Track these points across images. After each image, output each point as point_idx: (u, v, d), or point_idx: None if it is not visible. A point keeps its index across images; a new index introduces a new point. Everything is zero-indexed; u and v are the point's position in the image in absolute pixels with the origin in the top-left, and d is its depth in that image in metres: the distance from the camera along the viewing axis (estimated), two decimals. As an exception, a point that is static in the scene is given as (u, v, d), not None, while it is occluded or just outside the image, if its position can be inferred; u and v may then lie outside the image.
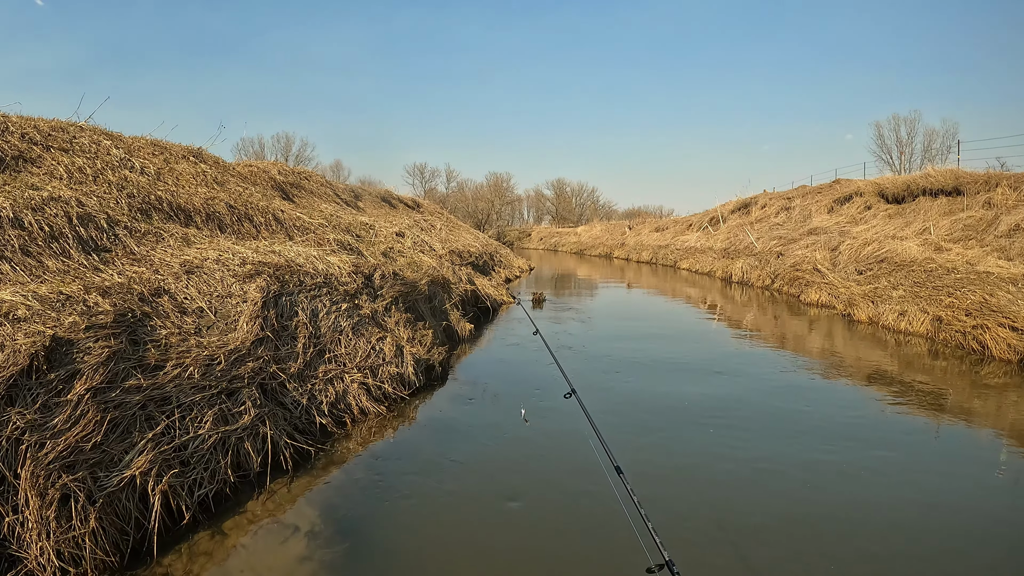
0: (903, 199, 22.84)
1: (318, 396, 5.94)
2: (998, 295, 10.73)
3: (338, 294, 7.68)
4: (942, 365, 9.34)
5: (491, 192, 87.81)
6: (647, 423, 6.25)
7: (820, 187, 31.52)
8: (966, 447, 5.87)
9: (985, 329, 10.12)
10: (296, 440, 5.23)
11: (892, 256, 16.23)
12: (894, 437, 5.90)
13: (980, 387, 8.17)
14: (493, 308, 14.40)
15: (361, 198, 20.63)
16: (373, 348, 7.04)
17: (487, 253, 24.24)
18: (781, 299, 17.94)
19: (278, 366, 5.80)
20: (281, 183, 13.99)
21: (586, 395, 4.97)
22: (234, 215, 9.72)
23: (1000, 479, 4.98)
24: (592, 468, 4.63)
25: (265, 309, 6.30)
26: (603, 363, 8.90)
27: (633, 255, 42.63)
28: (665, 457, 5.38)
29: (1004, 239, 14.84)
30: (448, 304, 10.92)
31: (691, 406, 6.79)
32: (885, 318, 12.68)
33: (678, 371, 8.47)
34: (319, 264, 8.39)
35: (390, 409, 6.50)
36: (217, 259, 7.27)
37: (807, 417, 6.43)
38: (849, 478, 4.95)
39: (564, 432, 5.92)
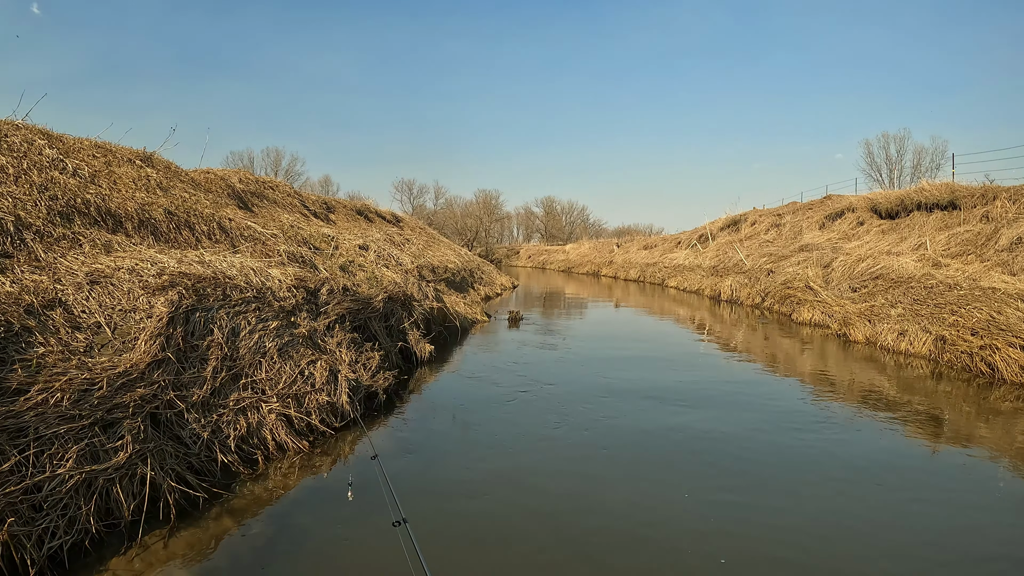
0: (897, 214, 22.48)
1: (225, 429, 5.23)
2: (1006, 312, 10.16)
3: (270, 310, 6.98)
4: (947, 389, 8.79)
5: (480, 209, 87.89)
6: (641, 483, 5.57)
7: (811, 203, 31.25)
8: (976, 480, 5.25)
9: (994, 350, 9.55)
10: (187, 482, 4.52)
11: (888, 272, 15.73)
12: (914, 475, 5.22)
13: (989, 412, 7.65)
14: (463, 328, 13.72)
15: (334, 210, 19.97)
16: (301, 373, 6.33)
17: (467, 269, 23.60)
18: (772, 317, 17.39)
19: (177, 393, 5.09)
20: (240, 191, 13.31)
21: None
22: (172, 222, 9.03)
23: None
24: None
25: (171, 326, 5.60)
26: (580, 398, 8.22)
27: (621, 273, 42.46)
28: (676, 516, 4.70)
29: (1006, 253, 14.36)
30: (407, 323, 10.22)
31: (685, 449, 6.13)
32: (883, 338, 12.15)
33: (662, 403, 7.77)
34: (255, 277, 7.69)
35: (314, 445, 5.77)
36: (132, 268, 6.57)
37: (829, 470, 5.75)
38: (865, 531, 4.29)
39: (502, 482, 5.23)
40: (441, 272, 17.92)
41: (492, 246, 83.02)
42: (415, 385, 8.65)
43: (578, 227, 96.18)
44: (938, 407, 7.82)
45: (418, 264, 16.02)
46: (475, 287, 22.48)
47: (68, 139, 10.37)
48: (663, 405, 7.44)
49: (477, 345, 12.29)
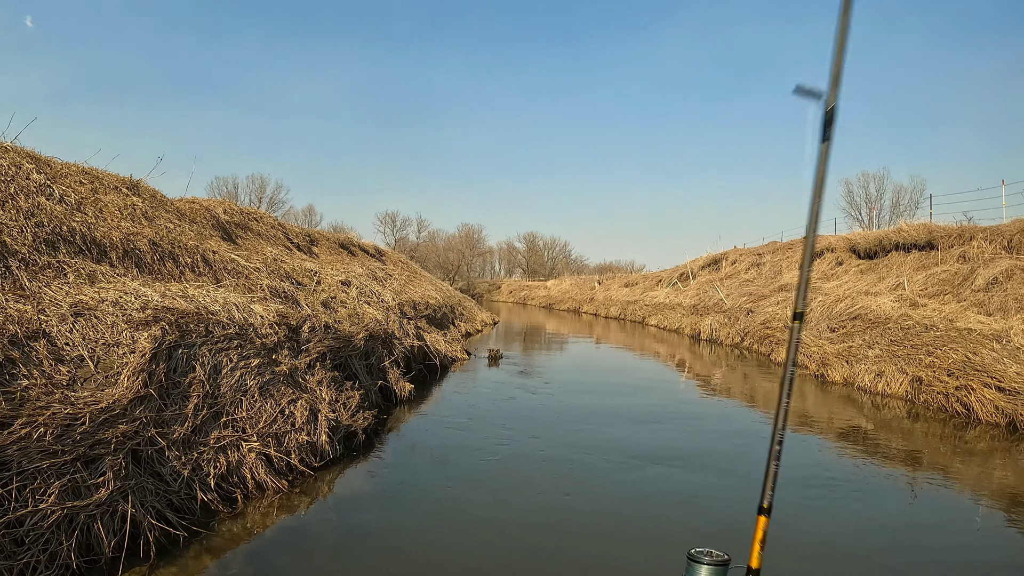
0: (875, 254, 23.00)
1: (205, 467, 5.32)
2: (982, 353, 10.46)
3: (252, 348, 7.09)
4: (923, 428, 9.08)
5: (462, 243, 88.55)
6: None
7: (791, 243, 31.80)
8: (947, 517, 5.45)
9: (970, 390, 9.86)
10: (167, 520, 4.60)
11: (866, 313, 16.08)
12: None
13: (963, 453, 7.95)
14: (443, 366, 13.84)
15: (317, 243, 20.10)
16: (282, 412, 6.44)
17: (448, 305, 23.73)
18: (751, 357, 17.66)
19: (159, 430, 5.18)
20: (225, 222, 13.43)
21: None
22: (156, 253, 9.13)
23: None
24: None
25: (154, 362, 5.70)
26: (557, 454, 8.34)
27: (602, 310, 42.87)
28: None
29: (982, 293, 14.76)
30: (388, 361, 10.34)
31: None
32: (861, 379, 12.45)
33: (647, 462, 7.91)
34: (237, 313, 7.81)
35: (293, 485, 5.86)
36: (115, 301, 6.68)
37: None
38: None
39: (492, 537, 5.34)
40: (422, 308, 18.05)
41: (473, 280, 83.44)
42: (394, 424, 8.75)
43: (560, 263, 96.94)
44: (915, 447, 8.12)
45: (399, 300, 16.16)
46: (456, 323, 22.60)
47: (56, 164, 10.48)
48: (646, 464, 7.56)
49: (457, 385, 12.40)
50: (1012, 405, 9.17)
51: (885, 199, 60.42)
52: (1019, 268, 15.03)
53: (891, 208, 59.55)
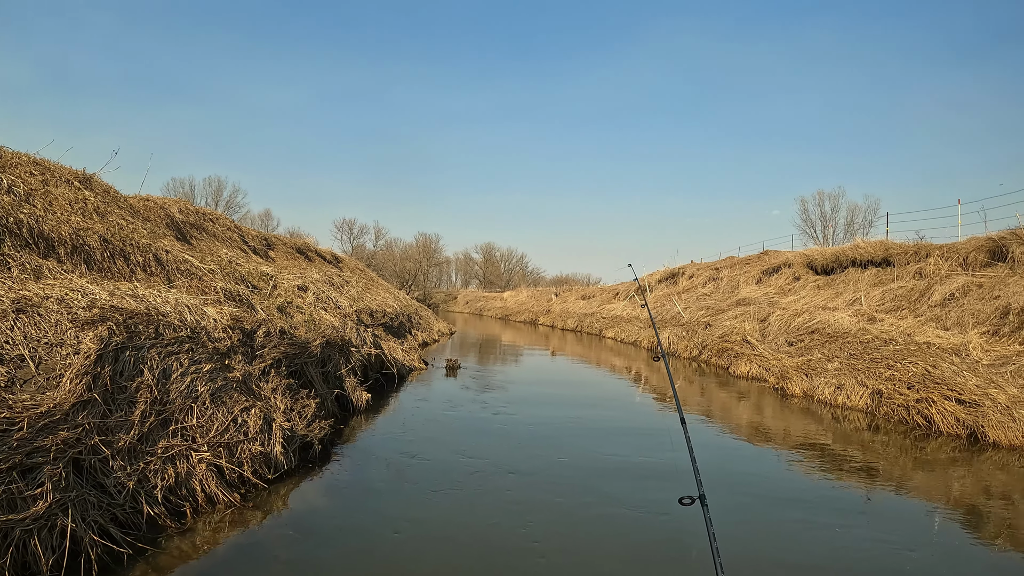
0: (832, 270, 23.44)
1: (152, 478, 5.03)
2: (941, 366, 10.66)
3: (204, 352, 6.80)
4: (883, 440, 9.23)
5: (419, 253, 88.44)
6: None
7: (748, 258, 32.22)
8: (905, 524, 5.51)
9: (930, 403, 10.02)
10: (111, 536, 4.32)
11: (824, 327, 16.31)
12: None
13: (924, 463, 8.06)
14: (401, 375, 13.60)
15: (274, 247, 19.69)
16: (235, 420, 6.16)
17: (405, 314, 23.45)
18: (709, 370, 17.77)
19: (103, 438, 4.89)
20: (180, 222, 13.03)
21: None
22: (107, 250, 8.77)
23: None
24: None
25: (99, 365, 5.40)
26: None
27: (558, 322, 42.94)
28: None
29: (939, 308, 15.08)
30: (345, 369, 10.08)
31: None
32: (821, 392, 12.56)
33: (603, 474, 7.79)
34: (189, 315, 7.51)
35: (246, 498, 5.59)
36: (61, 298, 6.35)
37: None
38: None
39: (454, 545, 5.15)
40: (380, 316, 17.77)
41: (430, 290, 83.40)
42: (351, 434, 8.51)
43: (516, 274, 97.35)
44: (877, 458, 8.23)
45: (357, 308, 15.87)
46: (413, 332, 22.31)
47: (6, 153, 10.05)
48: (599, 477, 7.45)
49: (415, 394, 12.19)
50: (972, 417, 9.36)
51: (840, 217, 62.02)
52: (975, 284, 15.37)
53: (846, 226, 61.19)
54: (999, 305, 13.55)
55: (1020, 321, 12.59)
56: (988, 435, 9.00)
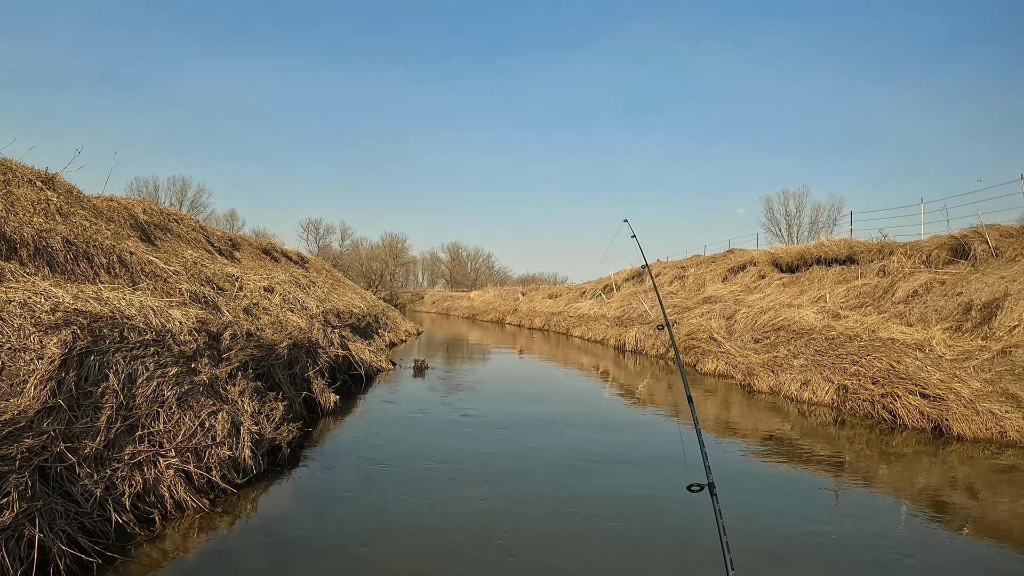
0: (797, 268, 23.85)
1: (120, 485, 4.98)
2: (906, 361, 10.92)
3: (170, 355, 6.73)
4: (849, 434, 9.45)
5: (386, 253, 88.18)
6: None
7: (714, 256, 32.61)
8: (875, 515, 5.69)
9: (895, 397, 10.28)
10: (79, 545, 4.27)
11: (789, 324, 16.60)
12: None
13: (890, 456, 8.27)
14: (368, 376, 13.55)
15: (239, 248, 19.48)
16: (202, 424, 6.11)
17: (372, 315, 23.36)
18: (677, 368, 17.92)
19: (68, 445, 4.83)
20: (144, 223, 12.84)
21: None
22: (70, 252, 8.63)
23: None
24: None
25: (64, 370, 5.33)
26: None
27: (525, 321, 43.04)
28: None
29: (903, 305, 15.46)
30: (312, 371, 10.03)
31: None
32: (787, 388, 12.80)
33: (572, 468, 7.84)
34: (154, 318, 7.42)
35: (215, 503, 5.55)
36: (24, 302, 6.25)
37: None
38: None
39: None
40: (347, 317, 17.68)
41: (397, 290, 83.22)
42: (320, 437, 8.47)
43: (483, 274, 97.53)
44: (843, 452, 8.49)
45: (324, 308, 15.78)
46: (380, 333, 22.24)
47: (-30, 154, 9.87)
48: (573, 470, 7.50)
49: (383, 395, 12.16)
50: (936, 410, 9.63)
51: (804, 216, 63.19)
52: (938, 281, 15.77)
53: (810, 225, 62.39)
54: (961, 301, 13.92)
55: (982, 317, 12.94)
56: (952, 428, 9.27)
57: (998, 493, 6.80)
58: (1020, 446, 8.68)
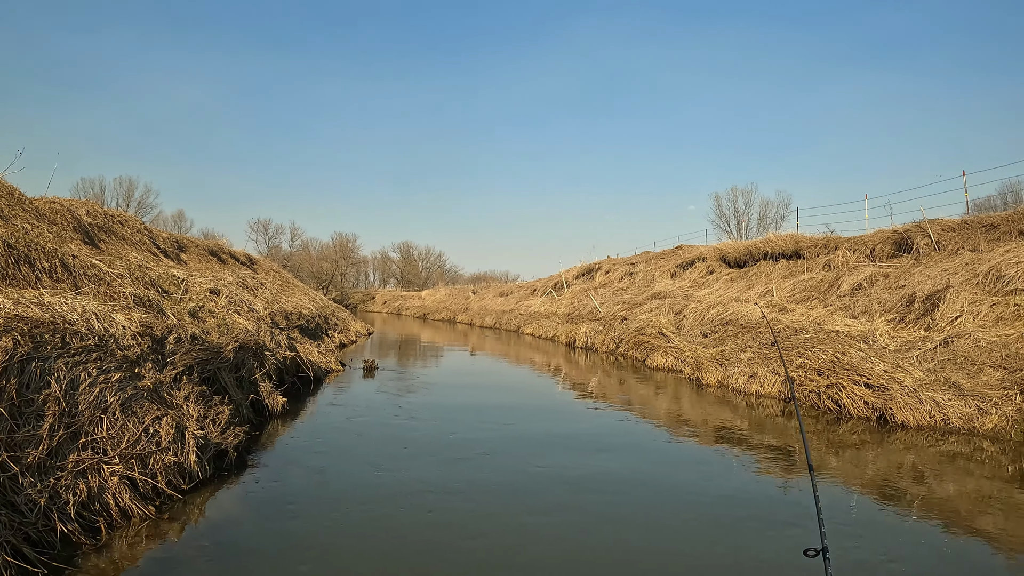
0: (745, 263, 24.40)
1: (64, 494, 4.96)
2: (850, 353, 11.30)
3: (113, 360, 6.69)
4: (796, 425, 9.71)
5: (336, 253, 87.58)
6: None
7: (663, 252, 33.13)
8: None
9: (840, 388, 10.65)
10: (24, 556, 4.26)
11: (737, 318, 17.04)
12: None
13: (836, 445, 8.60)
14: (317, 378, 13.52)
15: (186, 250, 19.19)
16: (146, 430, 6.10)
17: (321, 316, 23.23)
18: (627, 363, 18.29)
19: (11, 454, 4.80)
20: (88, 225, 12.60)
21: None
22: (11, 256, 8.45)
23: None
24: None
25: (4, 377, 5.28)
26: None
27: (477, 320, 43.19)
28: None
29: (847, 298, 16.00)
30: (259, 374, 10.00)
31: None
32: (735, 381, 13.16)
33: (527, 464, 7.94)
34: (97, 323, 7.35)
35: (161, 510, 5.55)
36: (-42, 310, 6.15)
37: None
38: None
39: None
40: (295, 319, 17.58)
41: (348, 291, 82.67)
42: (268, 440, 8.48)
43: (435, 273, 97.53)
44: (792, 442, 8.80)
45: (271, 310, 15.67)
46: (330, 334, 22.12)
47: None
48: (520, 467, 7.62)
49: (332, 397, 12.18)
50: (881, 400, 10.04)
51: (753, 212, 64.58)
52: (881, 275, 16.34)
53: (759, 221, 63.83)
54: (904, 294, 14.45)
55: (924, 308, 13.46)
56: (896, 417, 9.69)
57: (944, 478, 7.19)
58: (962, 433, 9.12)
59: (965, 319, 12.58)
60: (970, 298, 12.99)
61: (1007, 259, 13.60)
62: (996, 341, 11.25)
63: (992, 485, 6.91)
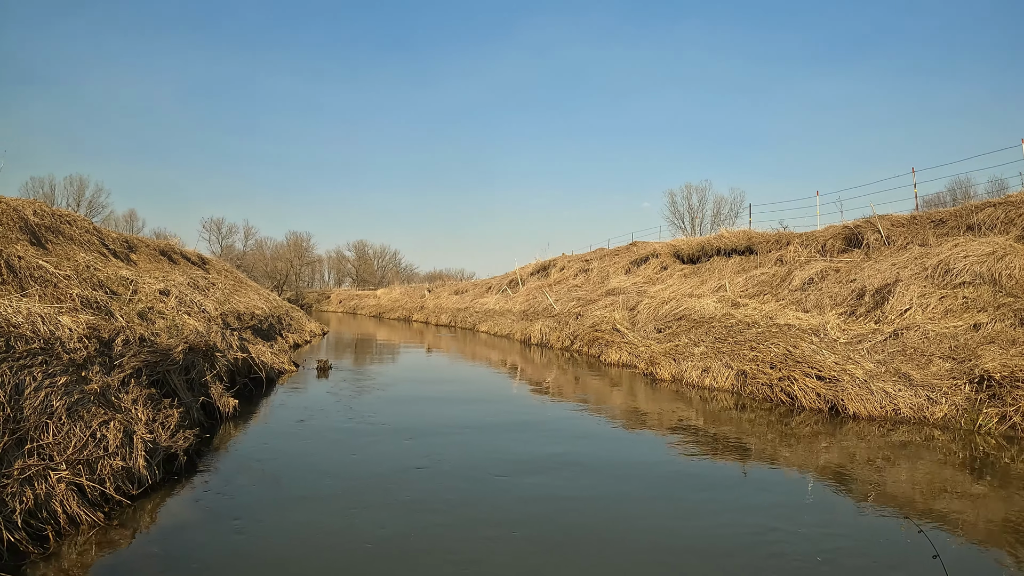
0: (698, 259, 24.78)
1: (10, 502, 4.87)
2: (801, 346, 11.57)
3: (59, 364, 6.58)
4: (749, 417, 9.96)
5: (290, 252, 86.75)
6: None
7: (617, 249, 33.43)
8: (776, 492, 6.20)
9: (792, 380, 10.88)
10: (-36, 563, 4.19)
11: (690, 313, 17.29)
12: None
13: (789, 437, 8.80)
14: (270, 379, 13.41)
15: (136, 250, 18.79)
16: (93, 435, 6.01)
17: (275, 316, 22.99)
18: (582, 360, 18.46)
19: (-48, 462, 4.71)
20: (35, 225, 12.27)
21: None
22: (-51, 257, 8.27)
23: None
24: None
25: (-54, 385, 5.18)
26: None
27: (432, 318, 43.20)
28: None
29: (799, 292, 16.39)
30: (210, 375, 9.89)
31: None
32: (688, 375, 13.37)
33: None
34: (43, 325, 7.21)
35: (110, 517, 5.48)
36: None
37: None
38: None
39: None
40: (248, 319, 17.38)
41: (302, 290, 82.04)
42: (219, 443, 8.39)
43: (390, 272, 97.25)
44: (745, 435, 9.02)
45: (223, 311, 15.48)
46: (283, 334, 21.91)
47: None
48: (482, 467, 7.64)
49: (285, 398, 12.07)
50: (832, 391, 10.31)
51: (707, 209, 65.56)
52: (832, 269, 16.75)
53: (712, 217, 64.84)
54: (855, 288, 14.84)
55: (875, 302, 13.83)
56: (848, 408, 9.95)
57: (896, 466, 7.46)
58: (913, 422, 9.42)
59: (914, 312, 12.94)
60: (919, 291, 13.37)
61: (955, 253, 13.99)
62: (945, 333, 11.59)
63: (944, 472, 7.21)
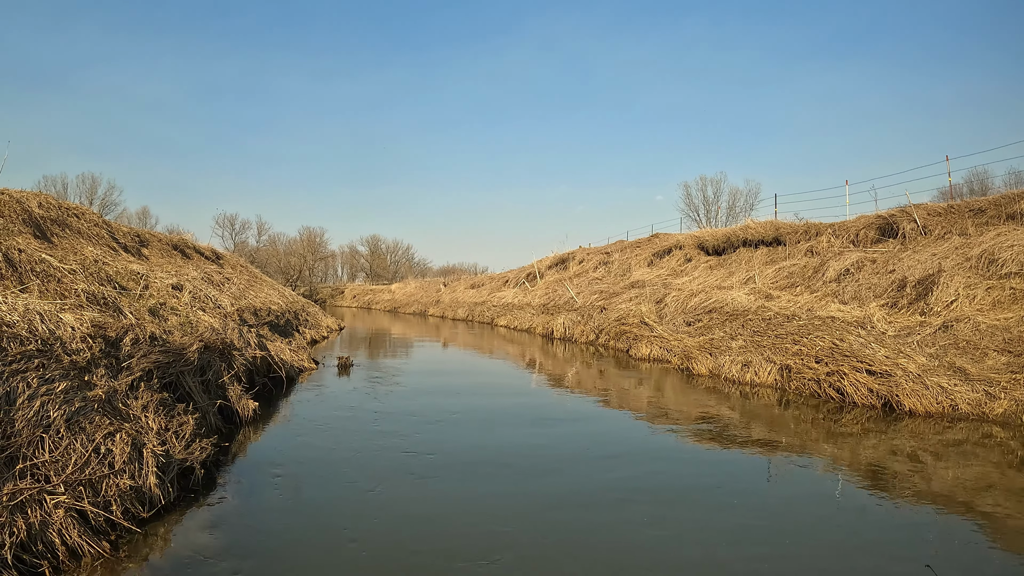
0: (724, 250, 24.17)
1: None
2: (848, 339, 11.01)
3: (58, 367, 5.83)
4: (795, 415, 9.42)
5: (304, 247, 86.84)
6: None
7: (639, 241, 32.75)
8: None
9: (842, 375, 10.28)
10: (-63, 614, 3.44)
11: (722, 306, 16.69)
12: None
13: (840, 435, 8.27)
14: (290, 377, 12.67)
15: (148, 244, 18.13)
16: (96, 450, 5.23)
17: (291, 311, 22.32)
18: (609, 354, 17.86)
19: (-75, 488, 3.95)
20: (39, 218, 11.59)
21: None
22: (-59, 250, 7.56)
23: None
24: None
25: (-80, 395, 4.42)
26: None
27: (448, 312, 42.73)
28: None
29: (835, 284, 15.75)
30: (227, 376, 9.14)
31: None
32: (728, 370, 12.76)
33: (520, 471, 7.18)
34: (41, 324, 6.48)
35: (117, 546, 4.66)
36: None
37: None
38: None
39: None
40: (264, 315, 16.67)
41: (316, 285, 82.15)
42: (239, 452, 7.62)
43: (403, 266, 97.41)
44: (795, 432, 8.51)
45: (239, 307, 14.76)
46: (301, 330, 21.23)
47: None
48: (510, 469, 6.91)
49: (307, 398, 11.29)
50: (885, 387, 9.64)
51: (722, 201, 64.67)
52: (868, 260, 15.99)
53: (728, 209, 63.84)
54: (895, 278, 14.12)
55: (917, 293, 13.10)
56: (904, 404, 9.30)
57: (960, 464, 6.91)
58: (972, 419, 8.77)
59: (961, 303, 12.35)
60: (964, 282, 12.79)
61: (1000, 242, 13.44)
62: (997, 325, 11.08)
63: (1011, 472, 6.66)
